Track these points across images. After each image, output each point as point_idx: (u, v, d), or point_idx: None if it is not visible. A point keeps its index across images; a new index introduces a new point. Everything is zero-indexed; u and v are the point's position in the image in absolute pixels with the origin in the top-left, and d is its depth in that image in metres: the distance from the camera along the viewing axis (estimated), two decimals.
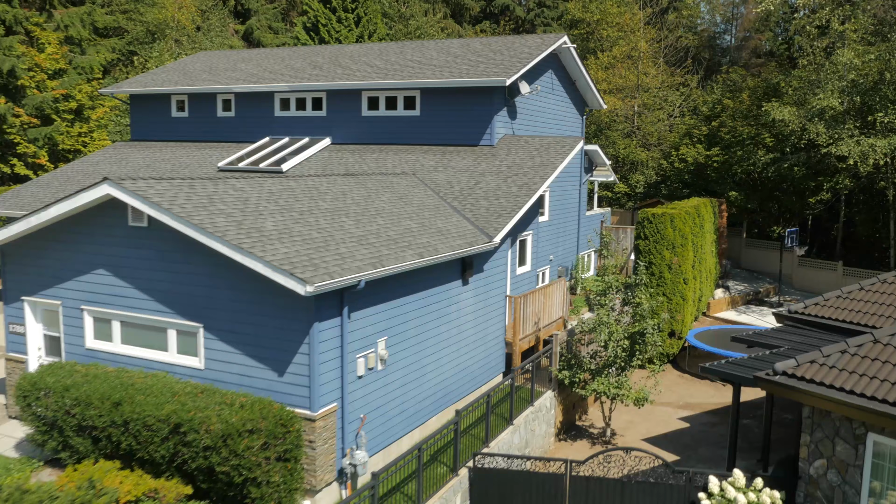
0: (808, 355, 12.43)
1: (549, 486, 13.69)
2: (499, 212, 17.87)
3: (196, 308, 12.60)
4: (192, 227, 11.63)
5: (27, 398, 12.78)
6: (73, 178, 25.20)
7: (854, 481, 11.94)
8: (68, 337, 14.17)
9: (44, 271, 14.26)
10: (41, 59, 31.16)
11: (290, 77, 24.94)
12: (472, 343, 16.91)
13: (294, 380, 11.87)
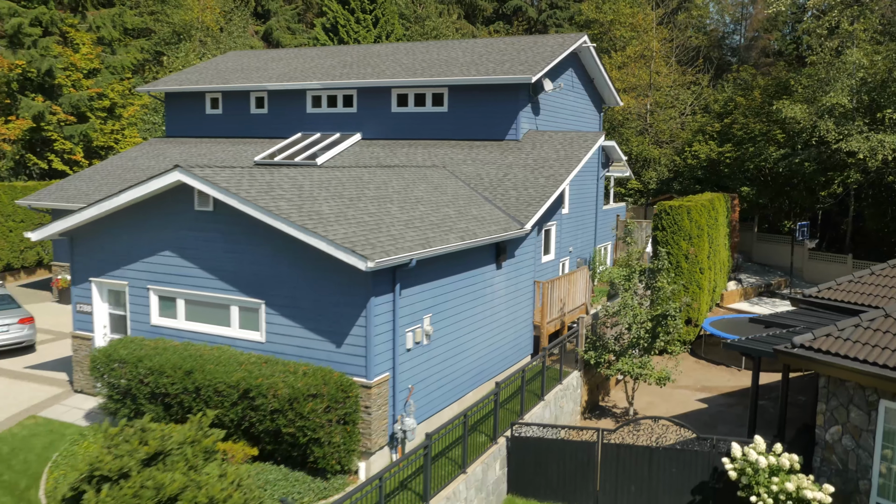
0: (823, 329, 13.45)
1: (582, 453, 14.72)
2: (528, 201, 18.91)
3: (258, 286, 13.68)
4: (260, 210, 12.70)
5: (102, 369, 13.87)
6: (114, 173, 26.33)
7: (867, 445, 12.93)
8: (134, 315, 15.25)
9: (111, 254, 15.35)
10: (76, 58, 32.31)
11: (321, 75, 26.01)
12: (503, 324, 17.95)
13: (351, 350, 12.93)
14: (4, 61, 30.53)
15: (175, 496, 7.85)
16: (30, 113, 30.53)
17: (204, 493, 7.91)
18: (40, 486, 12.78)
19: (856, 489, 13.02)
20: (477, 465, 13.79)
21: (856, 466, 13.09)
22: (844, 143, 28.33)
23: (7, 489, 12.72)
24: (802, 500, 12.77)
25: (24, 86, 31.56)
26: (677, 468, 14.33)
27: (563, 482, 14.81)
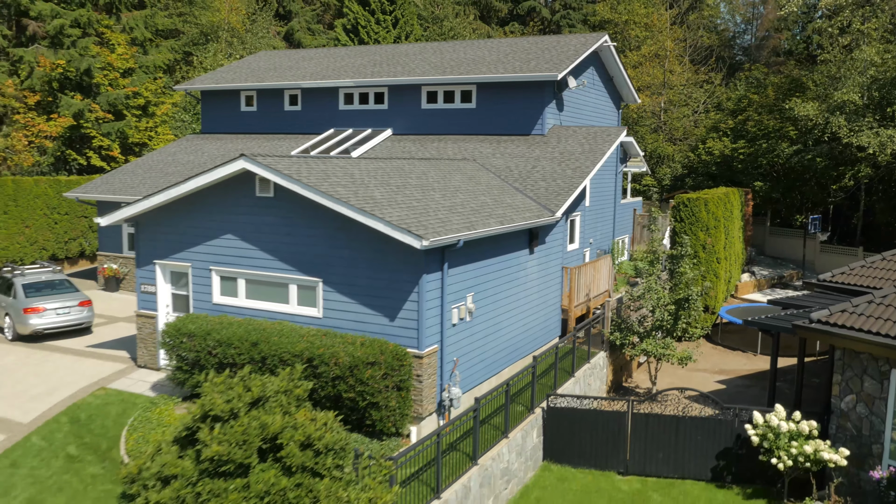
0: (839, 305, 14.54)
1: (613, 422, 15.85)
2: (556, 191, 20.04)
3: (316, 265, 14.86)
4: (322, 195, 13.88)
5: (172, 342, 15.08)
6: (155, 167, 27.58)
7: (880, 412, 14.01)
8: (196, 294, 16.46)
9: (174, 238, 16.56)
10: (113, 58, 33.60)
11: (353, 73, 27.20)
12: (535, 307, 19.08)
13: (404, 323, 14.10)
14: (46, 61, 31.83)
15: (276, 435, 9.02)
16: (70, 111, 31.82)
17: (301, 433, 9.09)
18: (121, 447, 13.99)
19: (869, 453, 14.08)
20: (517, 432, 14.94)
21: (869, 432, 14.16)
22: (855, 137, 29.37)
23: (91, 450, 13.94)
24: (820, 461, 13.88)
25: (64, 84, 32.85)
26: (702, 436, 15.44)
27: (595, 450, 15.93)
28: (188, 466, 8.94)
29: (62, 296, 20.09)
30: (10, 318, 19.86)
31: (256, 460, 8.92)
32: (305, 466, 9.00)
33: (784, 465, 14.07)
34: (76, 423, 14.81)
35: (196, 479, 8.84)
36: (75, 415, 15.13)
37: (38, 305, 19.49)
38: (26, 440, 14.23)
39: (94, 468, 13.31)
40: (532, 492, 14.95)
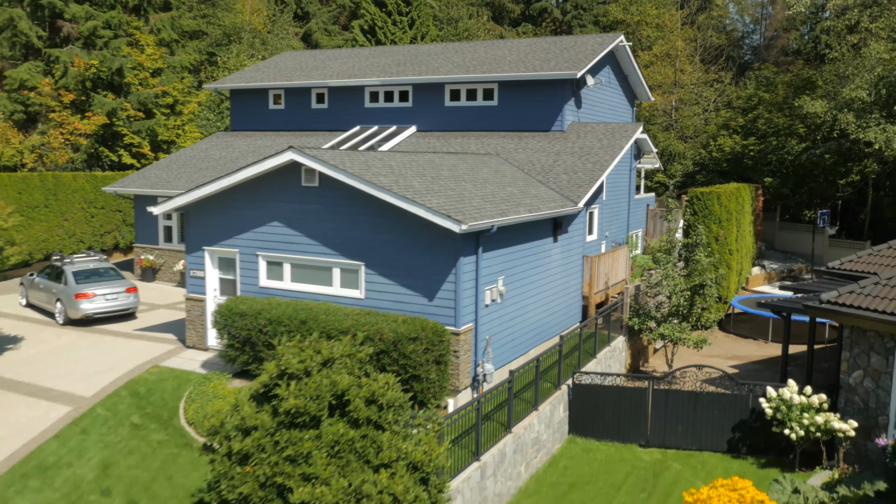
0: (847, 287, 15.56)
1: (635, 398, 16.91)
2: (578, 183, 21.11)
3: (358, 249, 15.96)
4: (367, 184, 14.98)
5: (224, 322, 16.21)
6: (189, 162, 28.76)
7: (886, 385, 15.02)
8: (244, 278, 17.59)
9: (222, 226, 17.69)
10: (142, 58, 34.81)
11: (378, 73, 28.31)
12: (558, 292, 20.15)
13: (442, 303, 15.19)
14: (80, 61, 33.05)
15: (344, 391, 10.12)
16: (104, 109, 33.02)
17: (366, 390, 10.19)
18: (180, 417, 15.12)
19: (875, 424, 15.09)
20: (546, 405, 16.02)
21: (875, 404, 15.18)
22: (862, 133, 30.35)
23: (152, 419, 15.08)
24: (830, 430, 14.91)
25: (97, 84, 34.06)
26: (719, 410, 16.48)
27: (618, 424, 16.99)
28: (266, 419, 10.05)
29: (110, 282, 21.25)
30: (61, 304, 21.03)
31: (327, 414, 10.03)
32: (370, 419, 10.11)
33: (796, 436, 15.09)
34: (136, 396, 15.95)
35: (274, 429, 9.95)
36: (134, 389, 16.27)
37: (88, 291, 20.66)
38: (92, 411, 15.38)
39: (158, 435, 14.45)
40: (560, 461, 16.03)
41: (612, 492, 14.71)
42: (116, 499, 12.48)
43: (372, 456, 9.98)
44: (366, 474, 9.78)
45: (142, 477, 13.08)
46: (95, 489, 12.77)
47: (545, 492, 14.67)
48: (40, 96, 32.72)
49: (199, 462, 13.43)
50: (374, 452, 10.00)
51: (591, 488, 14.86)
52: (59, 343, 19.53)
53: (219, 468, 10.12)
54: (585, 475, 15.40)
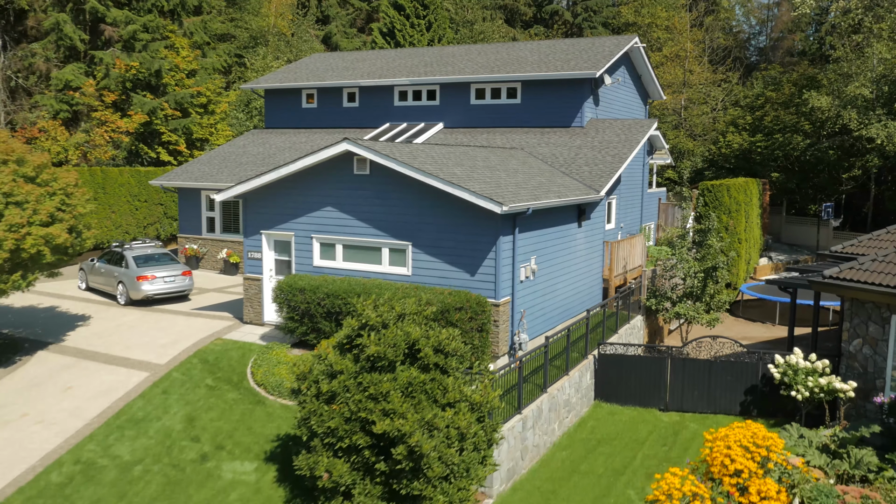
0: (847, 263, 17.25)
1: (655, 366, 18.62)
2: (599, 174, 22.83)
3: (406, 231, 17.72)
4: (417, 171, 16.74)
5: (285, 296, 17.97)
6: (229, 157, 30.57)
7: (882, 352, 16.71)
8: (298, 259, 19.36)
9: (278, 211, 19.47)
10: (178, 60, 36.66)
11: (407, 73, 30.07)
12: (581, 274, 21.87)
13: (483, 278, 16.94)
14: (121, 63, 34.91)
15: (415, 341, 11.86)
16: (143, 109, 34.87)
17: (433, 340, 11.93)
18: (249, 380, 16.89)
19: (873, 387, 16.77)
20: (575, 371, 17.75)
21: (873, 369, 16.86)
22: (865, 130, 32.03)
23: (224, 381, 16.84)
24: (833, 391, 16.58)
25: (136, 84, 35.92)
26: (731, 376, 18.19)
27: (640, 390, 18.71)
28: (349, 365, 11.81)
29: (167, 266, 23.05)
30: (122, 286, 22.83)
31: (401, 360, 11.78)
32: (437, 365, 11.86)
33: (801, 396, 16.77)
34: (206, 363, 17.73)
35: (357, 373, 11.71)
36: (203, 357, 18.06)
37: (148, 274, 22.46)
38: (168, 375, 17.17)
39: (232, 394, 16.23)
40: (588, 422, 17.76)
41: (636, 446, 16.42)
42: (205, 444, 14.26)
43: (439, 396, 11.73)
44: (434, 411, 11.53)
45: (224, 427, 14.86)
46: (185, 437, 14.56)
47: (577, 445, 16.40)
48: (84, 96, 34.56)
49: (273, 415, 15.21)
50: (441, 393, 11.75)
51: (617, 443, 16.58)
52: (125, 320, 21.32)
53: (309, 407, 11.88)
54: (612, 433, 17.13)
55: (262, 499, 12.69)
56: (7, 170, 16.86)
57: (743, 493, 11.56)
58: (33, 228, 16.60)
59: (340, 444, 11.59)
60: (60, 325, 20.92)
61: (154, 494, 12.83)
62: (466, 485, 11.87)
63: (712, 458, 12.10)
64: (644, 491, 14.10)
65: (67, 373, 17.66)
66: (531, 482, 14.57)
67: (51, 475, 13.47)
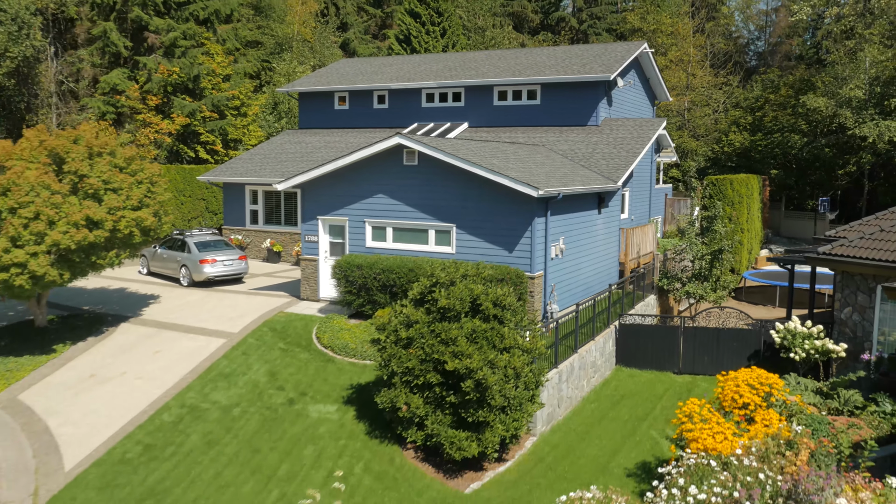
0: (839, 241, 19.70)
1: (670, 334, 21.04)
2: (615, 167, 25.28)
3: (450, 214, 20.15)
4: (462, 160, 19.18)
5: (344, 271, 20.40)
6: (269, 155, 33.02)
7: (869, 318, 19.14)
8: (352, 241, 21.80)
9: (333, 198, 21.90)
10: (214, 65, 39.16)
11: (434, 77, 32.55)
12: (601, 256, 24.30)
13: (519, 254, 19.38)
14: (164, 68, 37.41)
15: (477, 296, 14.28)
16: (184, 111, 37.35)
17: (492, 295, 14.35)
18: (316, 343, 19.30)
19: (862, 349, 19.18)
20: (600, 338, 20.18)
21: (861, 333, 19.29)
22: (858, 129, 34.55)
23: (295, 345, 19.26)
24: (826, 351, 18.98)
25: (176, 88, 38.41)
26: (737, 342, 20.60)
27: (656, 356, 21.11)
28: (423, 316, 14.24)
29: (225, 251, 25.48)
30: (186, 269, 25.26)
31: (466, 311, 14.21)
32: (496, 316, 14.29)
33: (799, 357, 19.17)
34: (275, 331, 20.15)
35: (429, 322, 14.14)
36: (272, 326, 20.48)
37: (210, 257, 24.89)
38: (244, 341, 19.59)
39: (304, 355, 18.64)
40: (611, 382, 20.18)
41: (655, 399, 18.84)
42: (290, 392, 16.69)
43: (497, 342, 14.16)
44: (494, 354, 13.95)
45: (303, 379, 17.28)
46: (271, 386, 16.98)
47: (603, 399, 18.82)
48: (129, 99, 37.04)
49: (343, 370, 17.63)
50: (498, 340, 14.18)
51: (638, 398, 19.00)
52: (191, 299, 23.75)
53: (389, 351, 14.31)
54: (633, 390, 19.54)
55: (347, 431, 15.10)
56: (103, 161, 19.32)
57: (750, 423, 13.98)
58: (126, 212, 19.04)
59: (416, 382, 14.01)
60: (134, 303, 23.34)
61: (255, 428, 15.25)
62: (519, 417, 14.30)
63: (724, 395, 14.55)
64: (664, 432, 16.51)
65: (152, 340, 20.08)
66: (567, 425, 16.99)
67: (163, 416, 15.89)
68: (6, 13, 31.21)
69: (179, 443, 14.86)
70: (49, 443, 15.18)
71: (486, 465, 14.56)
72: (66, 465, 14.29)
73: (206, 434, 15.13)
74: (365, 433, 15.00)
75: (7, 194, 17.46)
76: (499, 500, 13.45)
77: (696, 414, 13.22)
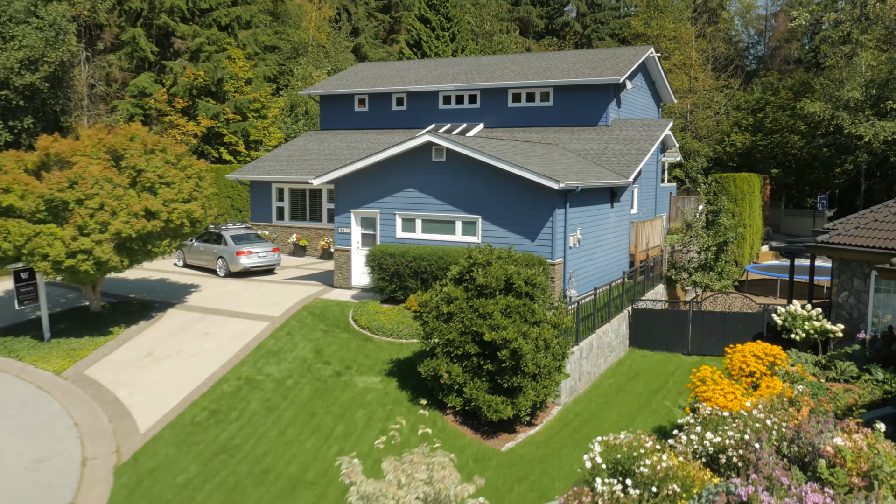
0: (836, 230, 21.33)
1: (679, 318, 22.65)
2: (626, 164, 26.91)
3: (476, 206, 21.77)
4: (488, 156, 20.80)
5: (377, 259, 22.00)
6: (293, 154, 34.65)
7: (864, 301, 20.76)
8: (382, 232, 23.41)
9: (365, 192, 23.51)
10: (237, 70, 40.83)
11: (451, 80, 34.20)
12: (612, 247, 25.92)
13: (541, 243, 21.00)
14: (190, 72, 39.07)
15: (511, 275, 15.89)
16: (208, 113, 39.00)
17: (524, 275, 15.96)
18: (353, 325, 20.90)
19: (857, 330, 20.80)
20: (615, 321, 21.79)
21: (857, 315, 20.90)
22: (854, 128, 36.25)
23: (334, 326, 20.86)
24: (825, 332, 20.59)
25: (201, 91, 40.07)
26: (742, 325, 22.21)
27: (666, 338, 22.72)
28: (462, 293, 15.86)
29: (258, 244, 27.10)
30: (222, 261, 26.87)
31: (501, 289, 15.83)
32: (527, 293, 15.91)
33: (799, 337, 20.77)
34: (314, 315, 21.75)
35: (468, 299, 15.75)
36: (310, 310, 22.08)
37: (245, 249, 26.50)
38: (287, 323, 21.18)
39: (344, 335, 20.24)
40: (625, 361, 21.79)
41: (666, 376, 20.45)
42: (336, 365, 18.29)
43: (529, 316, 15.77)
44: (526, 327, 15.57)
45: (346, 355, 18.88)
46: (318, 361, 18.59)
47: (619, 376, 20.43)
48: (157, 102, 38.69)
49: (382, 348, 19.23)
50: (530, 314, 15.79)
51: (651, 374, 20.61)
52: (229, 288, 25.35)
53: (431, 325, 15.92)
54: (646, 367, 21.16)
55: (391, 398, 16.70)
56: (157, 158, 20.94)
57: (755, 388, 15.59)
58: (178, 204, 20.65)
59: (456, 352, 15.61)
60: (176, 291, 24.95)
61: (309, 396, 16.86)
62: (548, 384, 15.91)
63: (732, 365, 16.17)
64: (676, 402, 18.12)
65: (200, 323, 21.68)
66: (587, 397, 18.60)
67: (222, 386, 17.50)
68: (44, 20, 32.86)
69: (242, 408, 16.46)
70: (121, 410, 16.77)
71: (519, 427, 16.17)
72: (140, 428, 15.88)
73: (264, 401, 16.73)
74: (408, 400, 16.60)
75: (74, 187, 19.06)
76: (532, 455, 15.05)
77: (708, 378, 14.84)
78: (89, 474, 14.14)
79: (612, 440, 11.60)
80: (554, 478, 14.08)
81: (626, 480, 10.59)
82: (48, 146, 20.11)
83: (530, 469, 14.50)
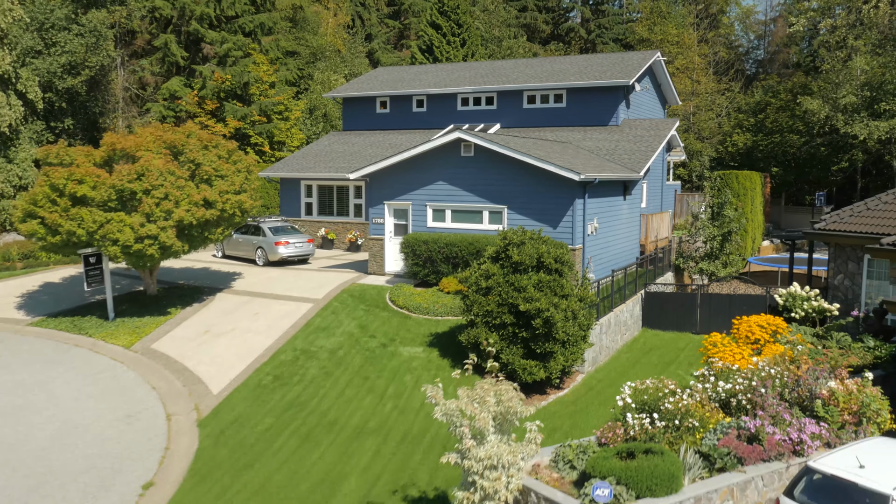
0: (831, 217, 23.32)
1: (688, 300, 24.63)
2: (637, 160, 28.91)
3: (502, 197, 23.76)
4: (514, 151, 22.79)
5: (411, 246, 23.98)
6: (319, 154, 36.65)
7: (858, 283, 22.75)
8: (414, 222, 25.39)
9: (397, 185, 25.50)
10: (262, 74, 42.86)
11: (468, 83, 36.22)
12: (625, 237, 27.91)
13: (563, 230, 22.98)
14: (219, 76, 41.10)
15: (542, 254, 17.86)
16: (236, 115, 41.02)
17: (554, 253, 17.90)
18: (391, 305, 22.86)
19: (851, 308, 22.78)
20: (630, 302, 23.78)
21: (851, 296, 22.89)
22: (849, 127, 38.31)
23: (373, 306, 22.81)
24: (822, 310, 22.57)
25: (228, 94, 42.10)
26: (746, 305, 24.16)
27: (676, 319, 24.68)
28: (498, 270, 17.84)
29: (294, 235, 29.08)
30: (261, 251, 28.84)
31: (533, 265, 17.81)
32: (556, 269, 17.89)
33: (798, 316, 22.74)
34: (354, 297, 23.72)
35: (504, 275, 17.74)
36: (350, 293, 24.04)
37: (283, 240, 28.48)
38: (330, 304, 23.15)
39: (384, 313, 22.21)
40: (639, 339, 23.77)
41: (678, 351, 22.42)
42: (381, 338, 20.26)
43: (558, 290, 17.75)
44: (557, 299, 17.54)
45: (389, 330, 20.85)
46: (364, 335, 20.56)
47: (634, 351, 22.41)
48: (187, 104, 40.71)
49: (421, 323, 21.19)
50: (559, 288, 17.77)
51: (663, 350, 22.58)
52: (270, 275, 27.32)
53: (472, 298, 17.90)
54: (658, 344, 23.13)
55: (434, 365, 18.67)
56: (212, 153, 22.94)
57: (759, 354, 17.57)
58: (230, 195, 22.64)
59: (494, 322, 17.58)
60: (221, 278, 26.92)
61: (360, 363, 18.83)
62: (575, 351, 17.88)
63: (738, 334, 18.16)
64: (689, 371, 20.08)
65: (248, 305, 23.64)
66: (607, 368, 20.57)
67: (280, 356, 19.47)
68: (84, 27, 34.88)
69: (302, 374, 18.42)
70: (191, 377, 18.73)
71: (549, 390, 18.13)
72: (213, 391, 17.84)
73: (321, 368, 18.70)
74: (450, 366, 18.56)
75: (141, 178, 21.05)
76: (562, 412, 17.02)
77: (719, 343, 16.83)
78: (175, 426, 16.10)
79: (640, 385, 13.60)
80: (583, 429, 16.03)
81: (652, 415, 12.58)
82: (114, 142, 22.11)
83: (562, 422, 16.46)
